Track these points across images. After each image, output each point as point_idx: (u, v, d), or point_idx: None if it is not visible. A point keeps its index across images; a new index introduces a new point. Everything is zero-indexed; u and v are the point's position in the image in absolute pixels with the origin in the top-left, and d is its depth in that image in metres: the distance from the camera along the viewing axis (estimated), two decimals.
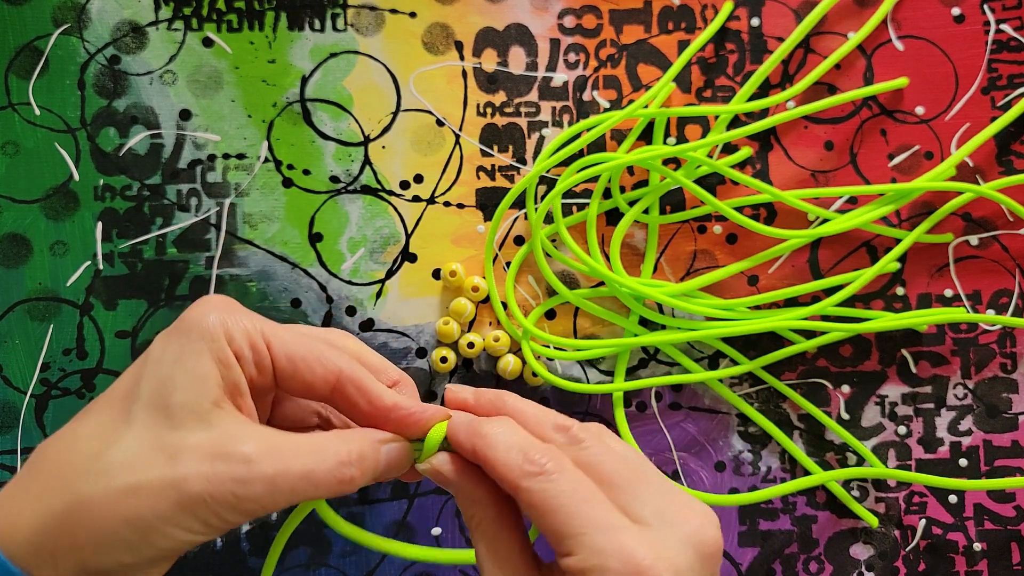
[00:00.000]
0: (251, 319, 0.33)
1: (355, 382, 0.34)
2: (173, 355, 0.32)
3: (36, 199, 0.49)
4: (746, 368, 0.49)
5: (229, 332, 0.32)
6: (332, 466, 0.32)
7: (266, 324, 0.34)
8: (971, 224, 0.50)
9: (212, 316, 0.32)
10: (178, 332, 0.32)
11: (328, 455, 0.32)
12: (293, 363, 0.33)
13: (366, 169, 0.50)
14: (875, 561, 0.50)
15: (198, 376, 0.31)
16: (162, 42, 0.50)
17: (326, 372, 0.34)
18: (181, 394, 0.31)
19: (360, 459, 0.33)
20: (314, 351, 0.34)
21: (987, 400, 0.50)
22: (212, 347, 0.32)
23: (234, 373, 0.32)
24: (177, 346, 0.32)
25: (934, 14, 0.50)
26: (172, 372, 0.31)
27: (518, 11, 0.51)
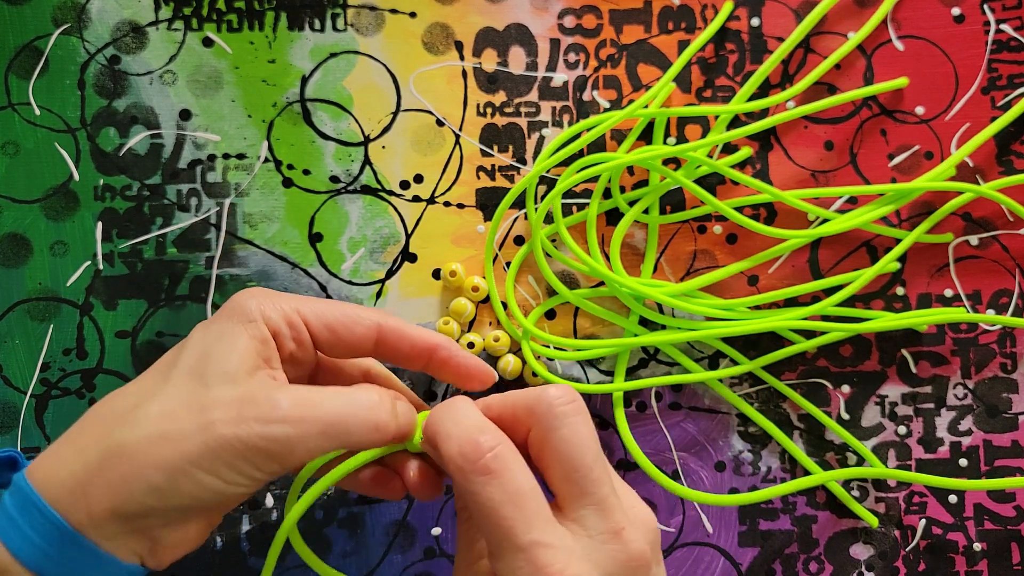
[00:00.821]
0: (287, 300, 0.36)
1: (396, 331, 0.37)
2: (214, 334, 0.34)
3: (36, 199, 0.49)
4: (746, 368, 0.49)
5: (266, 313, 0.35)
6: (364, 408, 0.33)
7: (302, 302, 0.36)
8: (971, 224, 0.50)
9: (252, 301, 0.35)
10: (220, 317, 0.35)
11: (359, 398, 0.34)
12: (332, 330, 0.36)
13: (366, 169, 0.50)
14: (875, 561, 0.50)
15: (235, 349, 0.33)
16: (162, 42, 0.50)
17: (366, 329, 0.37)
18: (217, 364, 0.33)
19: (391, 402, 0.35)
20: (349, 314, 0.37)
21: (987, 400, 0.50)
22: (249, 328, 0.34)
23: (269, 348, 0.35)
24: (218, 327, 0.34)
25: (934, 14, 0.50)
26: (211, 347, 0.34)
27: (518, 11, 0.51)
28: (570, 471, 0.32)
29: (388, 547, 0.49)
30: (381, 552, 0.49)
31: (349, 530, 0.49)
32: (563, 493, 0.32)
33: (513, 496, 0.30)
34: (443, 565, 0.49)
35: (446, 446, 0.31)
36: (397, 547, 0.49)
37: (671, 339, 0.48)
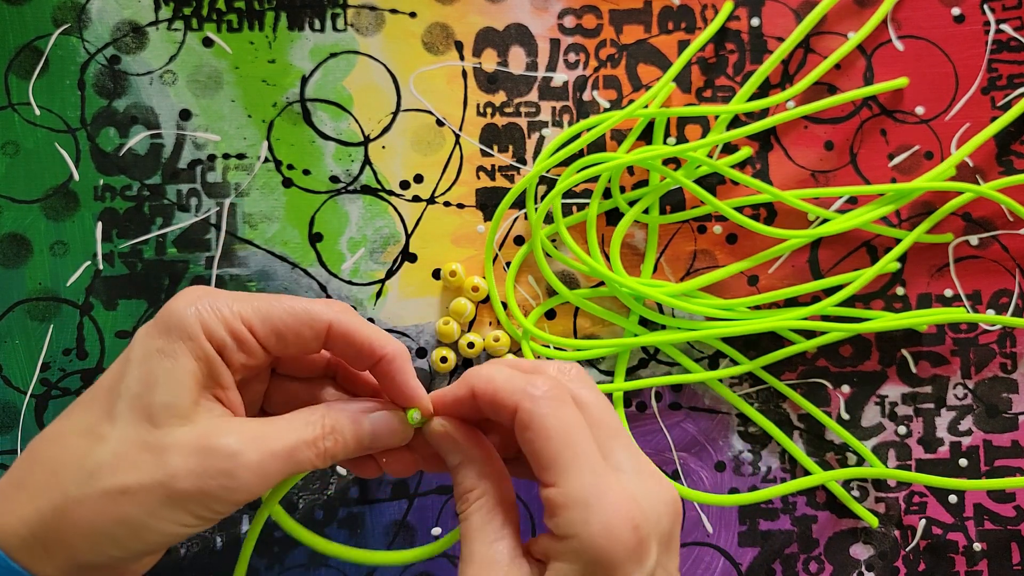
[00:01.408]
0: (230, 305, 0.33)
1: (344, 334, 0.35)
2: (153, 354, 0.32)
3: (36, 199, 0.49)
4: (746, 368, 0.49)
5: (208, 326, 0.32)
6: (310, 442, 0.33)
7: (246, 305, 0.34)
8: (971, 224, 0.50)
9: (190, 311, 0.32)
10: (158, 329, 0.33)
11: (306, 432, 0.33)
12: (280, 334, 0.34)
13: (366, 169, 0.50)
14: (875, 561, 0.50)
15: (178, 375, 0.32)
16: (162, 42, 0.50)
17: (315, 332, 0.34)
18: (162, 393, 0.31)
19: (333, 431, 0.34)
20: (301, 315, 0.34)
21: (987, 400, 0.50)
22: (191, 345, 0.32)
23: (215, 367, 0.33)
24: (158, 344, 0.32)
25: (934, 14, 0.50)
26: (153, 371, 0.32)
27: (518, 11, 0.51)
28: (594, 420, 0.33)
29: (388, 547, 0.49)
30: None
31: (349, 530, 0.49)
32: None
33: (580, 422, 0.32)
34: (443, 565, 0.49)
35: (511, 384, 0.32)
36: (397, 547, 0.49)
37: (671, 339, 0.48)
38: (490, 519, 0.33)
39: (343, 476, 0.49)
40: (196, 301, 0.33)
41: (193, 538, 0.49)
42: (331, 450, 0.34)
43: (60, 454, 0.32)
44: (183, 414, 0.31)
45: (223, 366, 0.33)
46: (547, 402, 0.32)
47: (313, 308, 0.34)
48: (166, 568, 0.49)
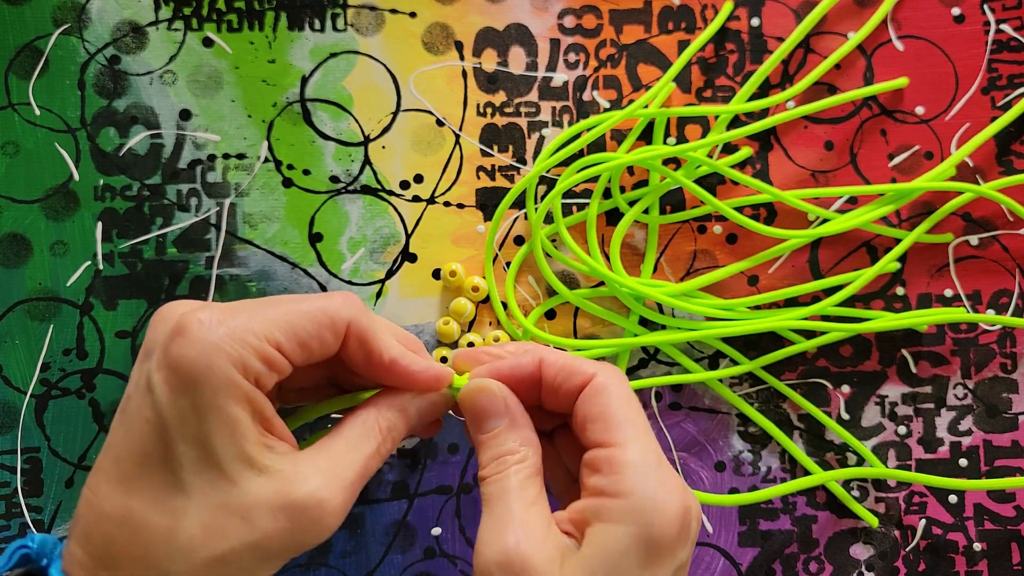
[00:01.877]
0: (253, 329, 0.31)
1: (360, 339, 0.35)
2: (196, 410, 0.30)
3: (36, 199, 0.49)
4: (746, 368, 0.49)
5: (244, 365, 0.31)
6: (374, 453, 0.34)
7: (268, 323, 0.32)
8: (971, 224, 0.50)
9: (218, 357, 0.30)
10: (187, 385, 0.30)
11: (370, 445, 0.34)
12: (305, 345, 0.33)
13: (366, 169, 0.50)
14: (875, 561, 0.50)
15: (232, 424, 0.30)
16: (162, 42, 0.50)
17: (335, 336, 0.34)
18: (223, 447, 0.30)
19: (390, 431, 0.35)
20: (319, 320, 0.33)
21: (987, 400, 0.50)
22: (234, 392, 0.30)
23: (259, 402, 0.31)
24: (194, 400, 0.30)
25: (934, 14, 0.50)
26: (204, 428, 0.30)
27: (518, 11, 0.51)
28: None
29: (388, 547, 0.49)
30: (381, 552, 0.49)
31: (349, 530, 0.49)
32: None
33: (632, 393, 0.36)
34: (443, 565, 0.49)
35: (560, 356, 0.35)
36: (397, 547, 0.49)
37: (671, 339, 0.48)
38: (530, 484, 0.33)
39: None
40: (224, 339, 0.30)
41: None
42: (390, 450, 0.35)
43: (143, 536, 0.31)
44: (252, 463, 0.31)
45: (264, 399, 0.32)
46: (618, 375, 0.34)
47: (330, 307, 0.33)
48: None
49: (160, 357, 0.31)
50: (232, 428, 0.30)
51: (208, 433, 0.30)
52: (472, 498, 0.49)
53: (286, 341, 0.32)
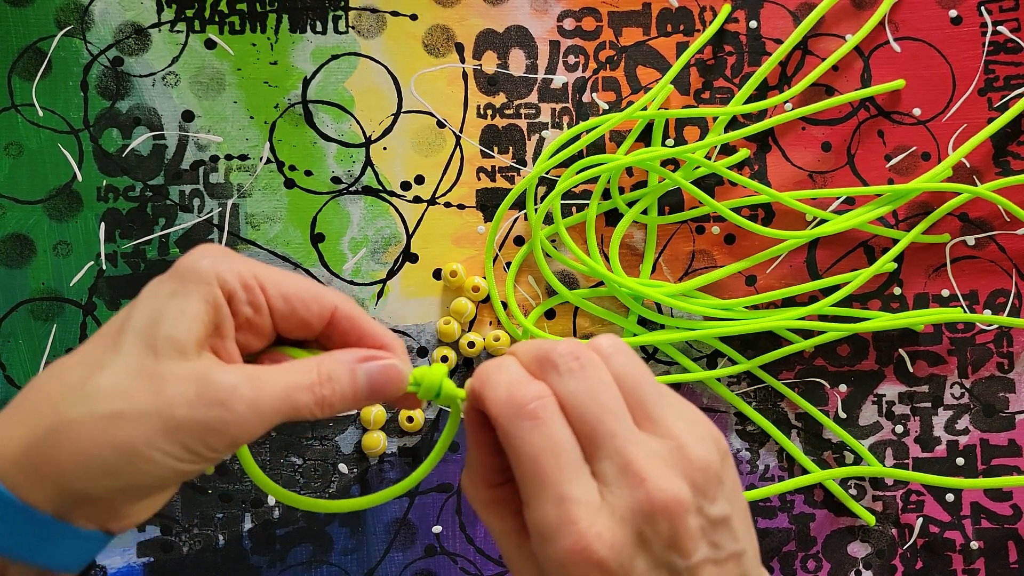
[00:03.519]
0: (244, 263, 0.34)
1: (348, 319, 0.35)
2: (165, 293, 0.33)
3: (39, 200, 0.50)
4: (744, 367, 0.49)
5: (221, 275, 0.33)
6: (306, 386, 0.33)
7: (260, 267, 0.35)
8: (968, 224, 0.50)
9: (205, 260, 0.33)
10: (171, 275, 0.33)
11: (303, 377, 0.33)
12: (289, 302, 0.34)
13: (367, 170, 0.50)
14: (872, 559, 0.50)
15: (186, 313, 0.32)
16: (165, 44, 0.50)
17: (321, 308, 0.35)
18: (168, 327, 0.32)
19: (329, 379, 0.34)
20: (310, 289, 0.35)
21: (984, 399, 0.50)
22: (202, 289, 0.33)
23: (222, 313, 0.33)
24: (170, 286, 0.33)
25: (931, 16, 0.51)
26: (162, 307, 0.32)
27: (518, 13, 0.51)
28: (578, 427, 0.32)
29: (389, 545, 0.49)
30: (382, 550, 0.49)
31: (350, 528, 0.49)
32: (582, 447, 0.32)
33: (553, 446, 0.31)
34: (444, 563, 0.50)
35: (494, 393, 0.32)
36: (398, 545, 0.49)
37: (670, 339, 0.49)
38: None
39: (344, 474, 0.50)
40: (212, 254, 0.34)
41: (195, 536, 0.49)
42: (328, 398, 0.34)
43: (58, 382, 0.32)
44: (184, 350, 0.32)
45: (229, 316, 0.33)
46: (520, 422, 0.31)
47: (322, 289, 0.35)
48: (168, 566, 0.49)
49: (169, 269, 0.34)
50: (184, 315, 0.32)
51: (163, 312, 0.32)
52: None
53: (271, 286, 0.34)
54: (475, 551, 0.50)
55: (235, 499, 0.49)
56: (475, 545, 0.50)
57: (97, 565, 0.49)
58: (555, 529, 0.30)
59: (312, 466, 0.50)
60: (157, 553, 0.49)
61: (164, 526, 0.49)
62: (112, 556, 0.49)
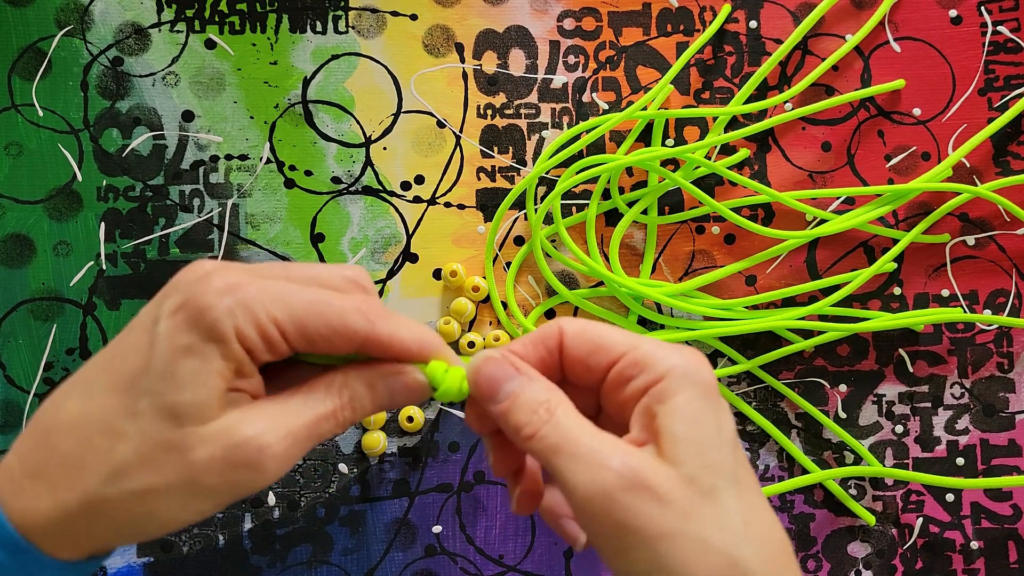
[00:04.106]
0: (266, 307, 0.32)
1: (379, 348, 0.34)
2: (180, 347, 0.31)
3: (39, 200, 0.50)
4: (744, 367, 0.50)
5: (241, 330, 0.31)
6: (329, 415, 0.33)
7: (281, 307, 0.32)
8: (968, 224, 0.50)
9: (220, 309, 0.31)
10: (187, 324, 0.31)
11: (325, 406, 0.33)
12: (311, 342, 0.33)
13: (367, 170, 0.50)
14: (872, 559, 0.50)
15: (206, 377, 0.31)
16: (165, 44, 0.50)
17: (347, 344, 0.33)
18: (188, 394, 0.31)
19: (352, 401, 0.33)
20: (334, 328, 0.33)
21: (984, 399, 0.50)
22: (223, 349, 0.31)
23: (244, 367, 0.32)
24: (185, 341, 0.31)
25: (931, 16, 0.51)
26: (179, 370, 0.31)
27: (518, 13, 0.51)
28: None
29: (389, 545, 0.49)
30: (382, 550, 0.49)
31: (350, 528, 0.49)
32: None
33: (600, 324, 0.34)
34: (444, 563, 0.50)
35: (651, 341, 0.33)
36: (398, 545, 0.49)
37: (669, 338, 0.49)
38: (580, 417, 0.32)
39: (345, 474, 0.50)
40: (230, 297, 0.31)
41: (195, 536, 0.49)
42: (350, 419, 0.34)
43: (81, 450, 0.32)
44: (205, 414, 0.31)
45: (251, 364, 0.32)
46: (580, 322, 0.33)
47: (349, 320, 0.33)
48: (168, 566, 0.49)
49: (179, 299, 0.32)
50: (203, 379, 0.31)
51: (180, 375, 0.31)
52: (472, 496, 0.50)
53: (293, 331, 0.32)
54: (475, 551, 0.50)
55: None
56: (475, 545, 0.50)
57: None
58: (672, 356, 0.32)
59: (312, 466, 0.50)
60: (157, 553, 0.49)
61: None
62: (112, 556, 0.49)
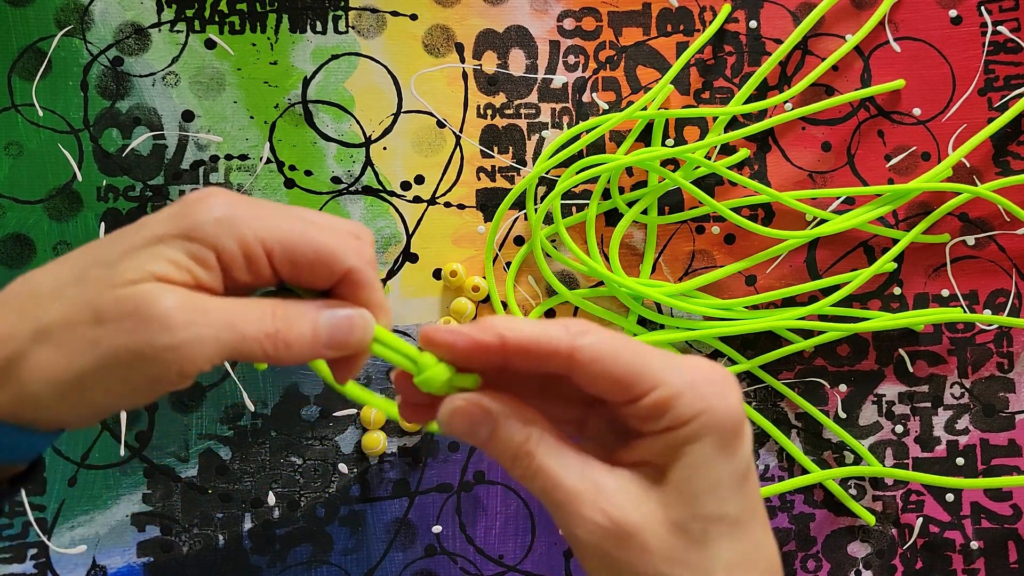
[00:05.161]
0: (253, 224, 0.32)
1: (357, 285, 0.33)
2: (156, 236, 0.31)
3: (39, 199, 0.50)
4: (744, 367, 0.50)
5: (220, 240, 0.31)
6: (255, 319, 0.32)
7: (270, 227, 0.32)
8: (968, 224, 0.50)
9: (210, 217, 0.31)
10: (174, 219, 0.32)
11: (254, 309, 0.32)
12: (296, 266, 0.33)
13: (367, 170, 0.51)
14: (872, 559, 0.50)
15: (160, 259, 0.31)
16: (165, 44, 0.50)
17: (330, 274, 0.33)
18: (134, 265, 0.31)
19: (286, 319, 0.32)
20: (321, 255, 0.33)
21: (984, 399, 0.50)
22: (193, 248, 0.31)
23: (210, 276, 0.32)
24: (164, 230, 0.32)
25: (931, 16, 0.51)
26: (144, 248, 0.31)
27: (518, 13, 0.51)
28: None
29: (389, 545, 0.49)
30: (382, 549, 0.49)
31: (350, 528, 0.49)
32: None
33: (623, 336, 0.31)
34: (444, 562, 0.50)
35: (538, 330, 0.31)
36: (398, 545, 0.49)
37: (669, 339, 0.49)
38: (563, 451, 0.31)
39: (345, 474, 0.50)
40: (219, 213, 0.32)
41: (195, 536, 0.49)
42: (283, 334, 0.32)
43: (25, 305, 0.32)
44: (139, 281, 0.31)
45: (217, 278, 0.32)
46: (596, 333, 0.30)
47: (338, 249, 0.33)
48: (168, 566, 0.49)
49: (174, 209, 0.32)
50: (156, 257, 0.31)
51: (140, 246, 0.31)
52: (472, 496, 0.50)
53: (279, 254, 0.32)
54: (475, 551, 0.50)
55: (235, 499, 0.49)
56: (475, 545, 0.50)
57: (97, 565, 0.49)
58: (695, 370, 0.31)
59: (312, 466, 0.50)
60: (157, 553, 0.49)
61: (164, 526, 0.49)
62: (112, 556, 0.49)
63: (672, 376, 0.30)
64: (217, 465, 0.49)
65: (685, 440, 0.30)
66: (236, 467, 0.49)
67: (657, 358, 0.31)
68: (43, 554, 0.48)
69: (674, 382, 0.30)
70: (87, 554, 0.49)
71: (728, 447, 0.31)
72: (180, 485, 0.49)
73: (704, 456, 0.31)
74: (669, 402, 0.30)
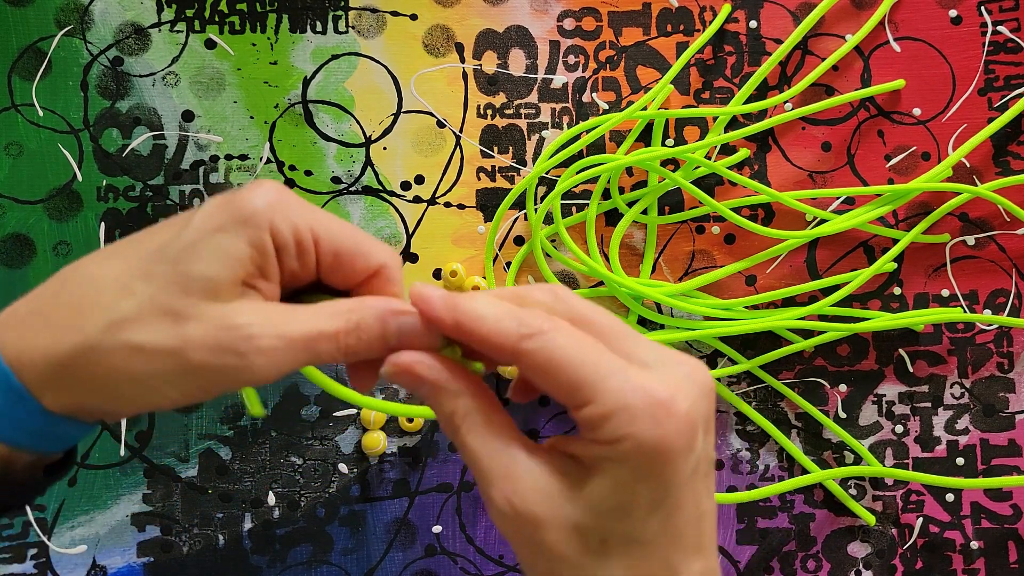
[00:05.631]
0: (304, 212, 0.33)
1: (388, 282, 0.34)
2: (212, 226, 0.32)
3: (39, 199, 0.50)
4: (744, 367, 0.50)
5: (275, 224, 0.32)
6: (331, 335, 0.32)
7: (318, 217, 0.33)
8: (968, 224, 0.51)
9: (262, 201, 0.32)
10: (223, 210, 0.32)
11: (330, 323, 0.32)
12: (339, 258, 0.33)
13: (367, 170, 0.51)
14: (872, 559, 0.50)
15: (227, 254, 0.31)
16: (165, 44, 0.50)
17: (367, 266, 0.34)
18: (204, 266, 0.31)
19: (359, 327, 0.33)
20: (362, 245, 0.34)
21: (984, 399, 0.50)
22: (251, 233, 0.32)
23: (267, 261, 0.32)
24: (219, 220, 0.32)
25: (931, 16, 0.51)
26: (204, 242, 0.32)
27: (518, 13, 0.51)
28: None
29: (389, 545, 0.49)
30: (382, 550, 0.49)
31: (350, 528, 0.49)
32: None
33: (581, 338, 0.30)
34: (444, 562, 0.50)
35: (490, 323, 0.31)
36: (398, 545, 0.49)
37: (670, 338, 0.49)
38: (486, 430, 0.32)
39: (345, 474, 0.50)
40: (272, 195, 0.32)
41: (195, 536, 0.49)
42: (353, 347, 0.33)
43: (88, 299, 0.32)
44: (216, 291, 0.31)
45: (275, 263, 0.33)
46: (547, 338, 0.30)
47: (375, 243, 0.34)
48: (168, 566, 0.49)
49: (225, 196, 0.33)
50: (224, 256, 0.31)
51: (204, 247, 0.31)
52: (473, 496, 0.50)
53: (325, 242, 0.33)
54: (475, 551, 0.50)
55: (235, 499, 0.49)
56: (475, 545, 0.50)
57: (97, 565, 0.49)
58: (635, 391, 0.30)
59: (312, 466, 0.50)
60: (157, 553, 0.49)
61: (164, 526, 0.49)
62: (112, 556, 0.49)
63: (608, 396, 0.30)
64: (217, 465, 0.49)
65: (607, 458, 0.30)
66: (236, 467, 0.49)
67: (605, 369, 0.30)
68: (43, 554, 0.48)
69: (607, 402, 0.30)
70: (87, 554, 0.49)
71: (649, 475, 0.30)
72: (180, 485, 0.49)
73: (621, 478, 0.30)
74: (597, 420, 0.30)
